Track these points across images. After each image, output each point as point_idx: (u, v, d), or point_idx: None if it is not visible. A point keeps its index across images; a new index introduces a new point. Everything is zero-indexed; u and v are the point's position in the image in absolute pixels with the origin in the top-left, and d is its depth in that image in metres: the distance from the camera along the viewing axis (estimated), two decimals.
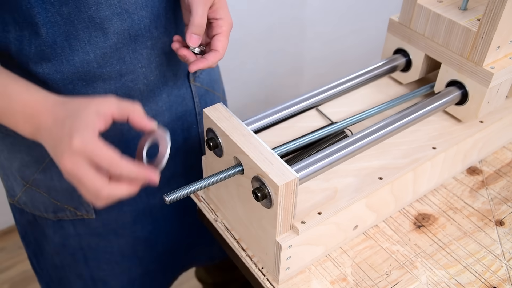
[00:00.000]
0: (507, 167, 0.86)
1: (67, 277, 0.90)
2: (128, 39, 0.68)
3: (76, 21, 0.63)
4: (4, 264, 1.64)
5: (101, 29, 0.65)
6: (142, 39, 0.69)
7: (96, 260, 0.87)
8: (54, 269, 0.90)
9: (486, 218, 0.78)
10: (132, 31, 0.67)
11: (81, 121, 0.54)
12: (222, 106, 0.68)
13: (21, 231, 0.90)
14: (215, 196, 0.76)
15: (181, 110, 0.82)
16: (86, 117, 0.54)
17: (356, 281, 0.69)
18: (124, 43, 0.68)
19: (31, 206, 0.82)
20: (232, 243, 0.74)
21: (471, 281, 0.69)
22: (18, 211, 0.86)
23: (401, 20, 0.82)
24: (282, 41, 1.73)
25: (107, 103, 0.56)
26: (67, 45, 0.64)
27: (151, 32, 0.70)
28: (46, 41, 0.63)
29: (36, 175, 0.77)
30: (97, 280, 0.90)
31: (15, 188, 0.82)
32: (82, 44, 0.65)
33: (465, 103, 0.78)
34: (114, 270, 0.90)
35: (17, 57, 0.64)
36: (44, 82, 0.66)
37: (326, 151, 0.66)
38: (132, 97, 0.73)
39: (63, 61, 0.65)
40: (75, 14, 0.62)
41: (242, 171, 0.63)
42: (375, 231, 0.76)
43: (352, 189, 0.70)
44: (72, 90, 0.68)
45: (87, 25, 0.63)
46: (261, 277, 0.69)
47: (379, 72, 0.82)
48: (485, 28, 0.70)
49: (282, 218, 0.61)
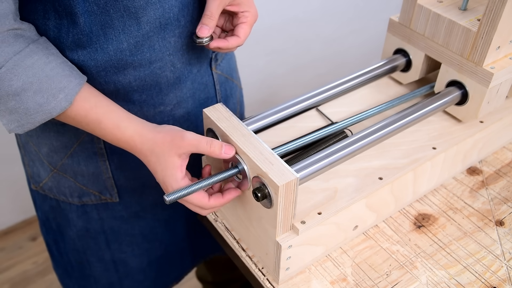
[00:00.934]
0: (507, 167, 0.86)
1: (87, 261, 0.93)
2: (159, 27, 0.70)
3: (112, 10, 0.65)
4: (4, 264, 1.64)
5: (135, 18, 0.67)
6: (171, 27, 0.71)
7: (118, 242, 0.90)
8: (75, 253, 0.93)
9: (486, 218, 0.78)
10: (163, 19, 0.70)
11: (168, 173, 0.63)
12: (222, 106, 0.68)
13: (42, 217, 0.93)
14: None
15: (204, 97, 0.84)
16: (171, 167, 0.63)
17: (356, 281, 0.69)
18: (154, 31, 0.70)
19: (56, 191, 0.85)
20: (232, 243, 0.74)
21: (471, 281, 0.69)
22: (40, 198, 0.89)
23: (401, 20, 0.82)
24: (282, 41, 1.73)
25: (182, 147, 0.62)
26: (102, 34, 0.66)
27: (179, 20, 0.72)
28: (83, 30, 0.65)
29: (64, 160, 0.80)
30: (118, 261, 0.93)
31: (41, 174, 0.84)
32: (116, 33, 0.67)
33: (465, 103, 0.78)
34: (134, 252, 0.93)
35: (55, 44, 0.66)
36: (79, 68, 0.69)
37: (326, 151, 0.66)
38: (160, 84, 0.75)
39: (98, 49, 0.67)
40: (111, 3, 0.64)
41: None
42: (375, 231, 0.76)
43: (352, 189, 0.70)
44: (105, 77, 0.70)
45: (122, 14, 0.66)
46: (261, 277, 0.69)
47: (379, 72, 0.82)
48: (485, 28, 0.70)
49: (282, 218, 0.61)
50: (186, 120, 0.82)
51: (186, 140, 0.62)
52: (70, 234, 0.90)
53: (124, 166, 0.81)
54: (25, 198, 1.49)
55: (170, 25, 0.71)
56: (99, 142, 0.77)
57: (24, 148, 0.86)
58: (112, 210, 0.86)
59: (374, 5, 1.86)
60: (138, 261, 0.94)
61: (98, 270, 0.94)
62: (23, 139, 0.84)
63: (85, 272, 0.95)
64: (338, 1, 1.76)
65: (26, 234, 1.72)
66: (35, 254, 1.67)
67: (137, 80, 0.72)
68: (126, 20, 0.66)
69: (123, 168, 0.81)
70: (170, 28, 0.71)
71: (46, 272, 1.62)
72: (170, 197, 0.60)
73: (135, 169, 0.82)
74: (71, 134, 0.76)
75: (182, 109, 0.80)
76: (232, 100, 0.93)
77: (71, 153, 0.79)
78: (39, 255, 1.66)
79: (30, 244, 1.70)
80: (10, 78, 0.58)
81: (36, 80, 0.60)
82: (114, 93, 0.72)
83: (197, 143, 0.62)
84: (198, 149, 0.62)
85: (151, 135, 0.64)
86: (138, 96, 0.74)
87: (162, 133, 0.63)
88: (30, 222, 1.74)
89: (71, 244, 0.92)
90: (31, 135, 0.80)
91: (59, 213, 0.88)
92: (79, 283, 0.98)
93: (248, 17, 0.73)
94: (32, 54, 0.60)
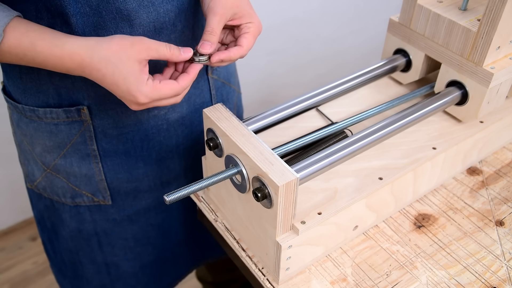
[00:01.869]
0: (507, 167, 0.86)
1: (80, 262, 0.93)
2: (153, 31, 0.70)
3: (104, 12, 0.65)
4: (4, 264, 1.64)
5: (128, 21, 0.67)
6: (166, 31, 0.71)
7: (110, 245, 0.90)
8: (68, 253, 0.93)
9: (486, 218, 0.78)
10: (157, 23, 0.69)
11: (132, 79, 0.59)
12: (222, 106, 0.68)
13: (38, 215, 0.93)
14: (215, 196, 0.76)
15: (199, 102, 0.84)
16: (134, 72, 0.59)
17: (356, 281, 0.69)
18: (148, 35, 0.69)
19: (49, 191, 0.85)
20: (232, 243, 0.74)
21: (471, 281, 0.69)
22: (36, 196, 0.89)
23: (401, 20, 0.82)
24: (282, 41, 1.73)
25: (143, 51, 0.60)
26: (95, 35, 0.66)
27: (175, 25, 0.71)
28: (75, 31, 0.65)
29: (57, 160, 0.80)
30: (110, 264, 0.93)
31: (35, 173, 0.85)
32: (109, 34, 0.67)
33: (465, 103, 0.78)
34: (127, 256, 0.92)
35: None
36: None
37: (326, 151, 0.66)
38: None
39: None
40: (103, 5, 0.64)
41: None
42: (375, 231, 0.76)
43: (352, 189, 0.70)
44: None
45: (114, 16, 0.66)
46: (261, 277, 0.69)
47: (379, 72, 0.82)
48: (485, 28, 0.70)
49: (282, 218, 0.61)
50: (180, 124, 0.82)
51: (147, 44, 0.60)
52: (63, 234, 0.90)
53: (118, 169, 0.81)
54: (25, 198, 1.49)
55: (165, 29, 0.70)
56: (92, 144, 0.77)
57: (20, 147, 0.86)
58: (105, 213, 0.86)
59: (374, 5, 1.86)
60: (131, 265, 0.94)
61: (90, 272, 0.94)
62: (19, 137, 0.84)
63: (78, 272, 0.95)
64: (338, 1, 1.76)
65: (26, 234, 1.72)
66: (35, 254, 1.67)
67: None
68: (119, 22, 0.66)
69: (116, 171, 0.81)
70: (166, 33, 0.71)
71: (46, 272, 1.62)
72: (170, 197, 0.59)
73: (128, 172, 0.82)
74: (64, 134, 0.76)
75: (176, 113, 0.80)
76: (229, 105, 0.92)
77: (63, 154, 0.79)
78: (39, 255, 1.66)
79: (30, 244, 1.70)
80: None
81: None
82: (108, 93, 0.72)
83: (157, 46, 0.61)
84: (159, 53, 0.61)
85: (103, 44, 0.60)
86: None
87: (116, 39, 0.60)
88: (30, 222, 1.74)
89: (64, 244, 0.91)
90: (25, 134, 0.80)
91: (53, 213, 0.88)
92: (73, 283, 0.98)
93: (251, 27, 0.68)
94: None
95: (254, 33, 0.69)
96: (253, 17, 0.69)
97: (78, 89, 0.72)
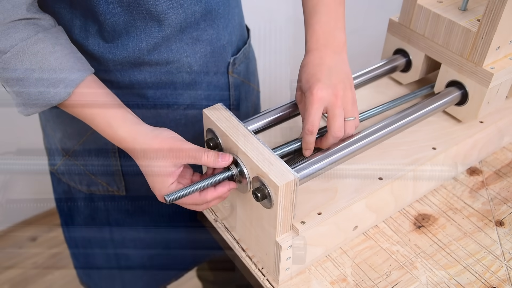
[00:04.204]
0: (507, 167, 0.86)
1: (91, 250, 0.95)
2: (179, 30, 0.71)
3: (135, 12, 0.66)
4: (4, 264, 1.64)
5: (157, 21, 0.68)
6: (189, 30, 0.72)
7: (121, 235, 0.92)
8: (81, 240, 0.95)
9: (486, 218, 0.78)
10: (184, 24, 0.70)
11: (158, 179, 0.63)
12: (222, 106, 0.68)
13: (57, 199, 0.96)
14: None
15: (218, 99, 0.85)
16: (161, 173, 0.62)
17: (356, 281, 0.69)
18: (174, 33, 0.71)
19: (67, 177, 0.87)
20: (232, 243, 0.74)
21: (471, 281, 0.69)
22: (56, 180, 0.92)
23: (401, 20, 0.82)
24: (282, 41, 1.73)
25: (179, 157, 0.62)
26: (124, 32, 0.68)
27: (198, 23, 0.72)
28: (106, 28, 0.67)
29: (76, 147, 0.82)
30: (120, 254, 0.94)
31: (56, 158, 0.87)
32: (138, 32, 0.69)
33: (465, 103, 0.78)
34: (136, 246, 0.94)
35: (81, 31, 0.69)
36: (97, 60, 0.71)
37: (326, 151, 0.66)
38: (175, 83, 0.76)
39: (118, 45, 0.69)
40: (134, 6, 0.66)
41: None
42: (375, 231, 0.76)
43: (352, 189, 0.70)
44: (121, 70, 0.72)
45: (144, 17, 0.67)
46: (261, 278, 0.69)
47: (379, 72, 0.82)
48: (485, 28, 0.70)
49: (282, 219, 0.61)
50: (198, 120, 0.83)
51: (185, 151, 0.62)
52: (78, 220, 0.92)
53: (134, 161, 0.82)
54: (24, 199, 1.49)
55: (189, 28, 0.72)
56: None
57: (44, 131, 0.88)
58: (118, 203, 0.87)
59: (374, 5, 1.86)
60: (139, 255, 0.95)
61: (100, 261, 0.96)
62: (43, 122, 0.86)
63: (89, 259, 0.97)
64: None
65: (26, 234, 1.72)
66: (35, 254, 1.67)
67: (152, 78, 0.74)
68: (148, 21, 0.68)
69: (133, 162, 0.82)
70: (189, 31, 0.72)
71: (46, 272, 1.62)
72: (170, 197, 0.60)
73: None
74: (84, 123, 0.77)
75: (195, 109, 0.81)
76: (246, 104, 0.93)
77: (83, 141, 0.80)
78: (39, 255, 1.66)
79: (30, 244, 1.70)
80: (14, 63, 0.59)
81: (39, 68, 0.61)
82: (129, 87, 0.74)
83: (195, 154, 0.62)
84: (196, 160, 0.62)
85: (146, 139, 0.63)
86: (153, 93, 0.75)
87: (159, 139, 0.63)
88: (30, 222, 1.75)
89: (78, 230, 0.94)
90: (48, 119, 0.83)
91: (70, 198, 0.91)
92: (84, 269, 1.01)
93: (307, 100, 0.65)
94: (39, 42, 0.61)
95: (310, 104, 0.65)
96: None
97: None
